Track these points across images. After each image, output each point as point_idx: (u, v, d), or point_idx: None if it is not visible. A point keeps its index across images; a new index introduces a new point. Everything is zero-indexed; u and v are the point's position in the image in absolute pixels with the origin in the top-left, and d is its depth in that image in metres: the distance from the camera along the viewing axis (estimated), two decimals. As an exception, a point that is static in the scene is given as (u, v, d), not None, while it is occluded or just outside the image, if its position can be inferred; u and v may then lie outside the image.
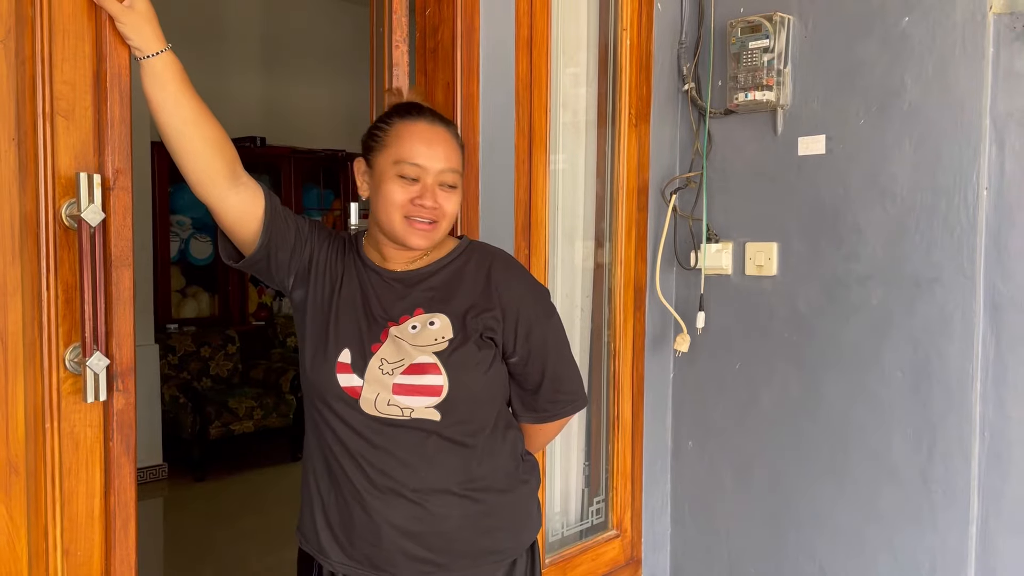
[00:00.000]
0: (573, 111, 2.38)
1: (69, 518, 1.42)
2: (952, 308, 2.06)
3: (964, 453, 2.06)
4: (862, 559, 2.23)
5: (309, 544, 1.51)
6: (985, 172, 2.01)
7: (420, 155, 1.40)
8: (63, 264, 1.39)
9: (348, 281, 1.47)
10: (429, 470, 1.41)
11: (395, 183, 1.40)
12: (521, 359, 1.48)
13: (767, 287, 2.38)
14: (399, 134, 1.41)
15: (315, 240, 1.48)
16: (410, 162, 1.39)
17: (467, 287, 1.46)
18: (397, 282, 1.46)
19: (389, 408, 1.39)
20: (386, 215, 1.41)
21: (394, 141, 1.41)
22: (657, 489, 2.59)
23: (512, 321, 1.45)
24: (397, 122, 1.43)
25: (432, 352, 1.40)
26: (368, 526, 1.41)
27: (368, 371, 1.39)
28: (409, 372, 1.39)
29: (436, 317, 1.43)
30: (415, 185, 1.40)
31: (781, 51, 2.28)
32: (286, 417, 5.26)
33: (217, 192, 1.37)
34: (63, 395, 1.40)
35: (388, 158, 1.41)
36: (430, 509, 1.41)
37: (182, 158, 1.35)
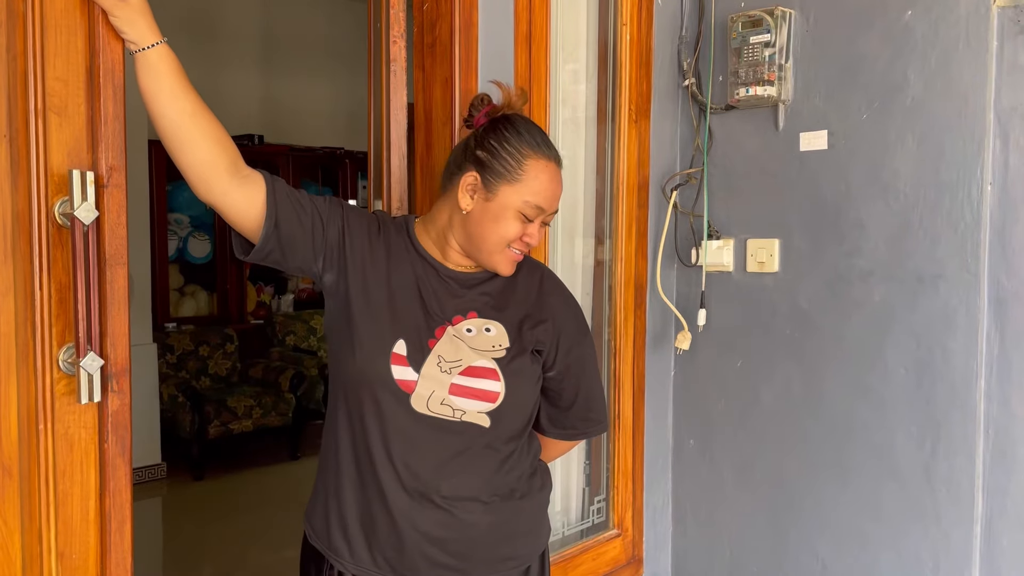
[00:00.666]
0: (572, 107, 2.36)
1: (64, 521, 1.40)
2: (956, 304, 2.05)
3: (968, 450, 2.04)
4: (865, 557, 2.22)
5: (319, 539, 1.47)
6: (989, 167, 1.99)
7: (549, 200, 1.40)
8: (56, 263, 1.37)
9: (399, 266, 1.43)
10: (463, 477, 1.40)
11: (516, 220, 1.39)
12: (559, 374, 1.50)
13: (769, 284, 2.36)
14: (535, 174, 1.39)
15: (346, 219, 1.42)
16: (539, 206, 1.39)
17: (520, 297, 1.47)
18: (452, 280, 1.44)
19: (442, 408, 1.37)
20: (489, 243, 1.40)
21: (529, 179, 1.39)
22: (658, 488, 2.57)
23: (556, 335, 1.48)
24: (531, 157, 1.40)
25: (492, 358, 1.39)
26: (391, 529, 1.38)
27: (425, 366, 1.37)
28: (467, 374, 1.38)
29: (492, 324, 1.42)
30: (529, 223, 1.40)
31: (782, 46, 2.26)
32: (285, 416, 5.25)
33: (218, 188, 1.33)
34: (57, 396, 1.38)
35: (518, 194, 1.39)
36: (458, 516, 1.39)
37: (179, 154, 1.31)
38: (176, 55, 1.32)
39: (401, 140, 1.93)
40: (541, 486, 1.53)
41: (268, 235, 1.35)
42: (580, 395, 1.54)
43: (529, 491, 1.49)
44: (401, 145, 1.93)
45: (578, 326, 1.54)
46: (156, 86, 1.29)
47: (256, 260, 1.39)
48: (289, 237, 1.37)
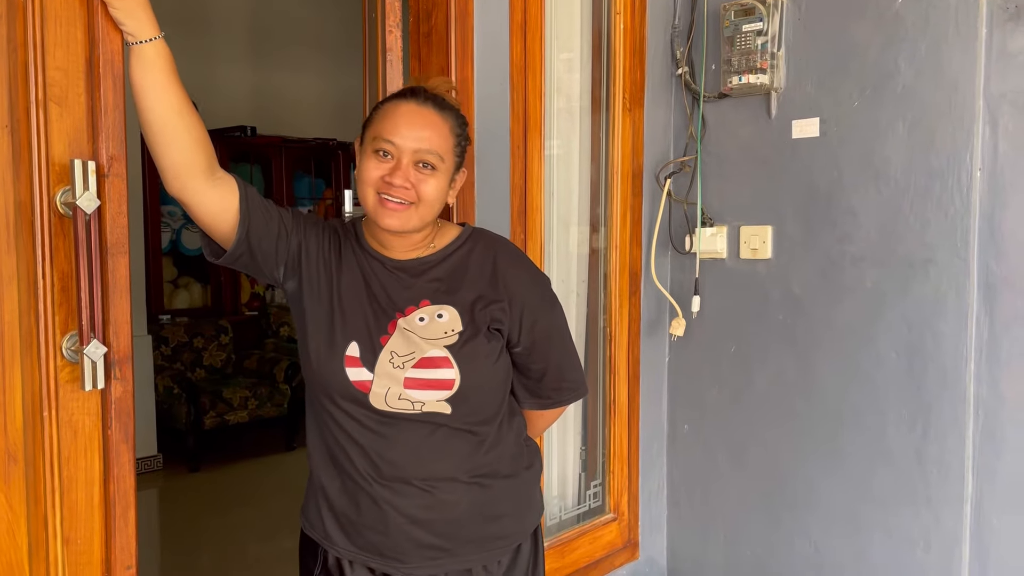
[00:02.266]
0: (567, 97, 2.38)
1: (69, 506, 1.42)
2: (946, 289, 2.08)
3: (958, 432, 2.08)
4: (857, 538, 2.25)
5: (314, 530, 1.50)
6: (979, 153, 2.02)
7: (397, 133, 1.37)
8: (59, 252, 1.38)
9: (348, 269, 1.44)
10: (438, 460, 1.41)
11: (370, 159, 1.38)
12: (525, 349, 1.48)
13: (762, 270, 2.39)
14: (384, 113, 1.40)
15: (303, 229, 1.45)
16: (384, 138, 1.37)
17: (473, 277, 1.45)
18: (401, 271, 1.44)
19: (400, 402, 1.38)
20: (361, 192, 1.40)
21: (378, 119, 1.40)
22: (653, 472, 2.60)
23: (518, 312, 1.45)
24: (388, 103, 1.42)
25: (443, 345, 1.39)
26: (375, 514, 1.41)
27: (378, 365, 1.38)
28: (420, 366, 1.38)
29: (444, 309, 1.41)
30: (390, 162, 1.37)
31: (775, 34, 2.28)
32: (280, 407, 5.26)
33: (194, 186, 1.34)
34: (61, 383, 1.39)
35: (369, 135, 1.40)
36: (439, 496, 1.41)
37: (161, 149, 1.32)
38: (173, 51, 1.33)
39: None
40: (528, 465, 1.54)
41: (241, 239, 1.37)
42: (551, 365, 1.52)
43: (514, 471, 1.50)
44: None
45: (542, 298, 1.50)
46: (149, 80, 1.29)
47: (227, 263, 1.41)
48: (258, 243, 1.39)
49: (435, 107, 1.41)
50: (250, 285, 6.23)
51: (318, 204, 6.43)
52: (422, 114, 1.39)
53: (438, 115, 1.41)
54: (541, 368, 1.51)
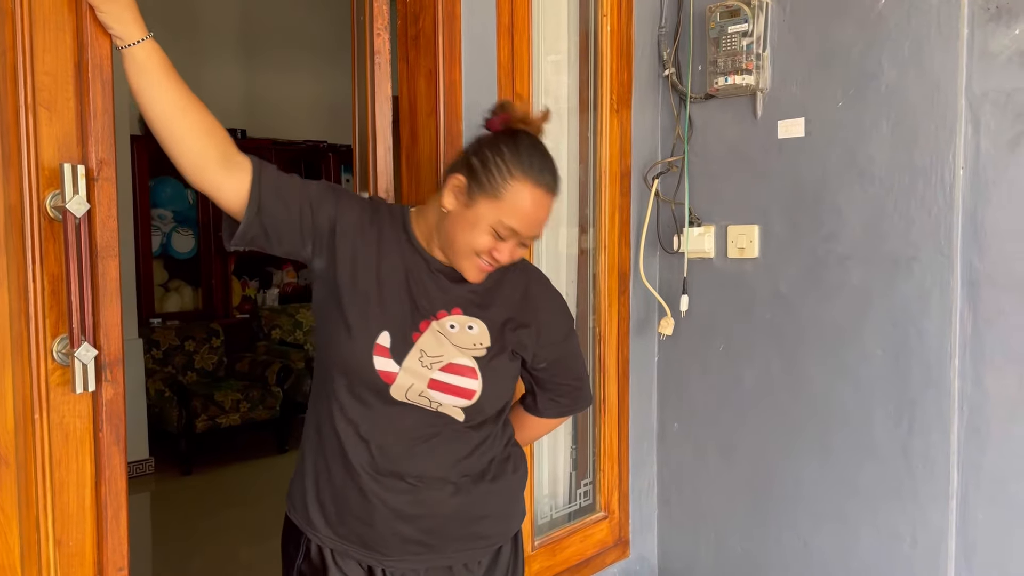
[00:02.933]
0: (555, 98, 2.39)
1: (60, 509, 1.43)
2: (930, 286, 2.10)
3: (943, 428, 2.10)
4: (845, 534, 2.27)
5: (297, 513, 1.51)
6: (961, 152, 2.04)
7: (525, 226, 1.37)
8: (49, 255, 1.39)
9: (390, 256, 1.43)
10: (432, 459, 1.44)
11: (487, 234, 1.37)
12: (550, 366, 1.57)
13: (749, 269, 2.41)
14: (516, 195, 1.35)
15: (338, 205, 1.42)
16: (512, 228, 1.36)
17: (505, 297, 1.49)
18: (441, 275, 1.45)
19: (419, 399, 1.41)
20: (459, 247, 1.39)
21: (508, 199, 1.35)
22: (644, 471, 2.62)
23: (546, 337, 1.53)
24: (518, 178, 1.35)
25: (472, 356, 1.43)
26: (363, 506, 1.43)
27: (407, 360, 1.39)
28: (447, 370, 1.40)
29: (474, 322, 1.44)
30: (503, 242, 1.39)
31: (760, 35, 2.30)
32: (272, 410, 5.26)
33: (210, 177, 1.34)
34: (51, 386, 1.40)
35: (493, 211, 1.36)
36: (427, 495, 1.43)
37: (171, 146, 1.32)
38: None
39: (386, 132, 1.96)
40: (514, 469, 1.57)
41: (250, 221, 1.36)
42: (571, 378, 1.63)
43: (501, 474, 1.53)
44: (386, 137, 1.95)
45: (564, 326, 1.59)
46: (145, 81, 1.30)
47: (240, 245, 1.39)
48: (273, 223, 1.37)
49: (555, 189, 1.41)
50: (241, 288, 6.22)
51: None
52: (547, 203, 1.39)
53: (554, 197, 1.42)
54: (562, 382, 1.62)
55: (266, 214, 1.36)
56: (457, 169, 1.41)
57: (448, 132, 1.97)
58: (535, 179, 1.36)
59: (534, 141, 1.41)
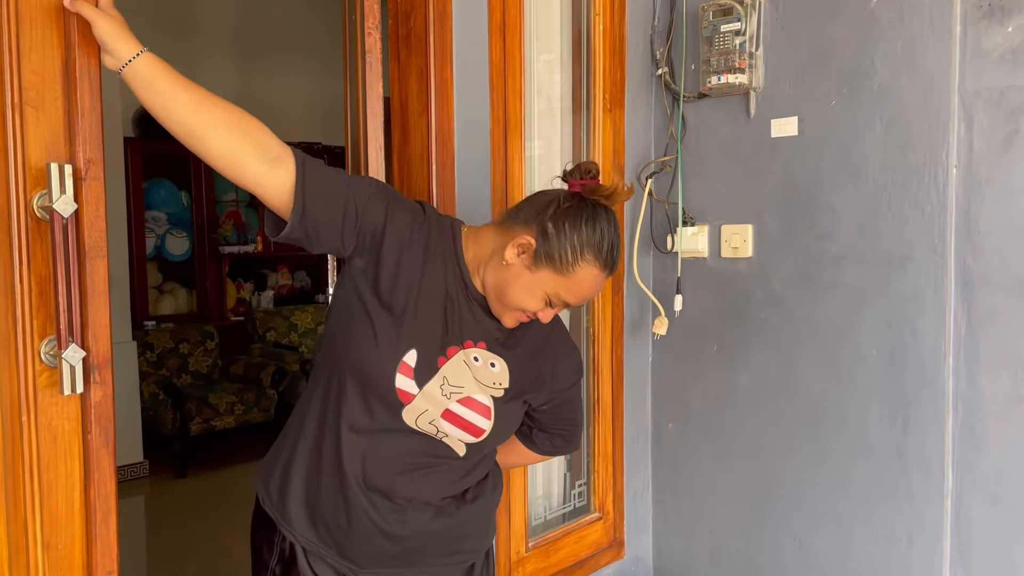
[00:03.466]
0: (548, 98, 2.39)
1: (49, 512, 1.42)
2: (924, 285, 2.09)
3: (938, 427, 2.09)
4: (840, 534, 2.27)
5: (273, 506, 1.48)
6: (954, 150, 2.04)
7: (578, 301, 1.40)
8: (36, 256, 1.38)
9: (434, 271, 1.39)
10: (425, 485, 1.43)
11: (541, 300, 1.38)
12: (551, 410, 1.59)
13: (743, 269, 2.40)
14: (581, 276, 1.35)
15: (388, 211, 1.36)
16: (566, 302, 1.39)
17: (530, 341, 1.50)
18: (477, 303, 1.43)
19: (427, 426, 1.40)
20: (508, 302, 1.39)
21: (573, 278, 1.35)
22: (638, 471, 2.61)
23: (556, 385, 1.55)
24: (587, 261, 1.34)
25: (490, 395, 1.42)
26: (346, 515, 1.41)
27: (429, 385, 1.37)
28: (464, 403, 1.39)
29: (497, 360, 1.44)
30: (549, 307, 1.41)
31: (753, 34, 2.30)
32: (267, 412, 5.24)
33: (250, 174, 1.28)
34: (39, 388, 1.39)
35: (554, 283, 1.36)
36: (413, 515, 1.43)
37: (200, 150, 1.27)
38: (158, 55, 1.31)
39: (378, 132, 1.95)
40: (492, 487, 1.57)
41: (295, 224, 1.30)
42: (567, 425, 1.65)
43: (480, 493, 1.53)
44: (378, 137, 1.95)
45: (574, 377, 1.60)
46: (153, 95, 1.26)
47: (285, 241, 1.35)
48: (315, 225, 1.32)
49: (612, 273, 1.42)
50: (235, 290, 6.21)
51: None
52: (602, 285, 1.40)
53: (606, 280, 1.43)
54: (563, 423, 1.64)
55: (309, 218, 1.31)
56: (529, 228, 1.36)
57: (439, 131, 1.96)
58: (603, 262, 1.36)
59: (610, 219, 1.38)
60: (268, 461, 1.53)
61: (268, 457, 1.54)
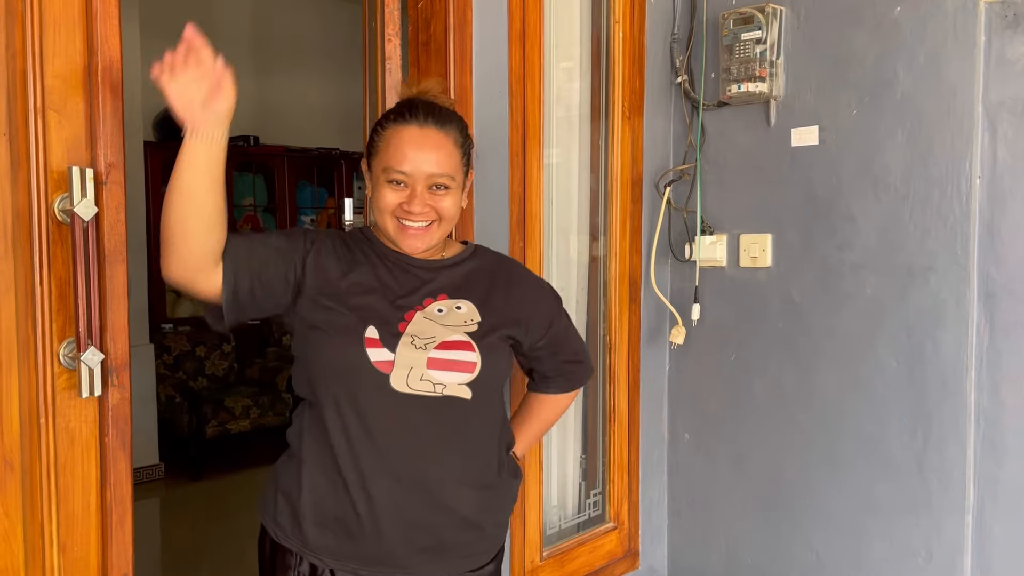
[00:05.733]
0: (567, 106, 2.38)
1: (65, 514, 1.42)
2: (946, 296, 2.07)
3: (959, 440, 2.07)
4: (858, 547, 2.24)
5: (289, 539, 1.44)
6: (978, 161, 2.02)
7: (407, 161, 1.39)
8: (56, 259, 1.38)
9: (359, 268, 1.44)
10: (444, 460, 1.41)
11: (385, 188, 1.41)
12: (547, 345, 1.59)
13: (762, 278, 2.39)
14: (389, 140, 1.41)
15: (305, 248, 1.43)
16: (396, 169, 1.39)
17: (488, 283, 1.51)
18: (419, 268, 1.47)
19: (422, 384, 1.37)
20: (380, 220, 1.43)
21: (384, 147, 1.42)
22: (654, 481, 2.59)
23: (538, 321, 1.55)
24: (390, 127, 1.42)
25: (463, 332, 1.42)
26: (370, 516, 1.38)
27: (400, 346, 1.38)
28: (443, 347, 1.39)
29: (462, 303, 1.45)
30: (404, 191, 1.40)
31: (774, 42, 2.29)
32: (282, 416, 5.25)
33: (204, 275, 1.33)
34: (58, 390, 1.40)
35: (379, 164, 1.42)
36: (442, 500, 1.41)
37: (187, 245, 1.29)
38: None
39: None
40: (512, 475, 1.56)
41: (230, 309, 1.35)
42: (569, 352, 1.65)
43: (505, 480, 1.53)
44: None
45: (553, 306, 1.60)
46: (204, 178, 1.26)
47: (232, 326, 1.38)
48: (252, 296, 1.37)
49: (436, 125, 1.42)
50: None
51: (321, 213, 6.43)
52: (426, 136, 1.40)
53: (441, 133, 1.42)
54: (562, 356, 1.64)
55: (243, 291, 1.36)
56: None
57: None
58: (405, 119, 1.41)
59: (412, 97, 1.46)
60: (269, 496, 1.50)
61: (268, 494, 1.50)
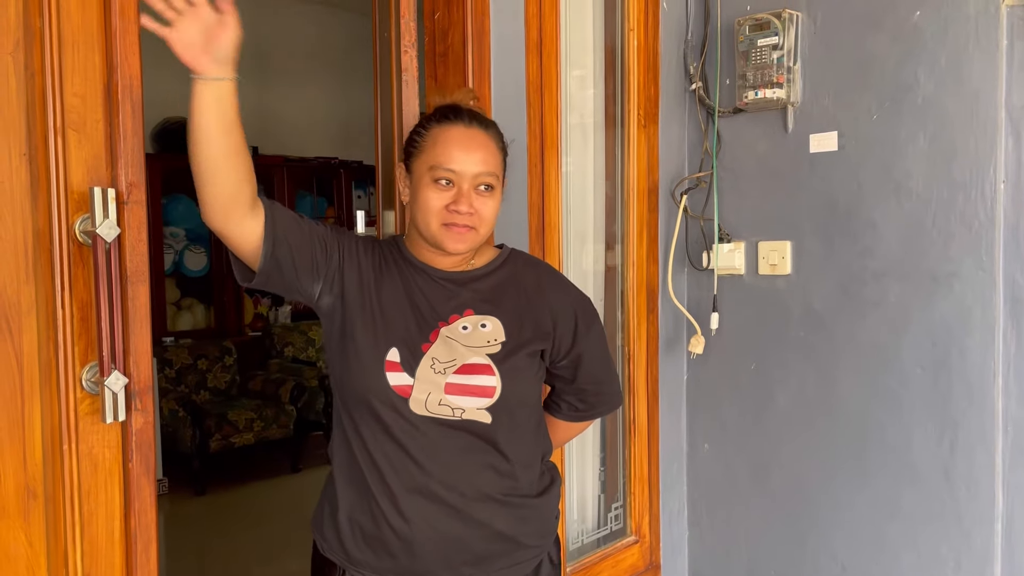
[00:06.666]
0: (580, 113, 2.36)
1: (89, 542, 1.39)
2: (971, 303, 2.05)
3: (987, 448, 2.04)
4: (885, 558, 2.21)
5: (333, 552, 1.44)
6: (1002, 165, 2.00)
7: (455, 160, 1.38)
8: (78, 281, 1.35)
9: (389, 280, 1.43)
10: (475, 476, 1.39)
11: (431, 189, 1.38)
12: (571, 363, 1.51)
13: (781, 286, 2.36)
14: (435, 139, 1.40)
15: (344, 244, 1.42)
16: (445, 167, 1.37)
17: (517, 294, 1.47)
18: (446, 281, 1.44)
19: (440, 408, 1.36)
20: (424, 221, 1.40)
21: (430, 146, 1.40)
22: (674, 493, 2.56)
23: (563, 331, 1.48)
24: (434, 127, 1.42)
25: (485, 353, 1.39)
26: (409, 536, 1.36)
27: (419, 369, 1.36)
28: (462, 372, 1.37)
29: (487, 320, 1.42)
30: (451, 190, 1.38)
31: (790, 48, 2.26)
32: (286, 428, 5.21)
33: (236, 219, 1.29)
34: (80, 416, 1.36)
35: (424, 163, 1.40)
36: (474, 516, 1.38)
37: (211, 185, 1.26)
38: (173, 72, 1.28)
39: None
40: (551, 481, 1.53)
41: (267, 260, 1.32)
42: (593, 379, 1.56)
43: (542, 488, 1.49)
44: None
45: (584, 318, 1.52)
46: (217, 119, 1.21)
47: (258, 286, 1.36)
48: (288, 262, 1.35)
49: (480, 126, 1.43)
50: (253, 306, 6.19)
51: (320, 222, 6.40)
52: (472, 136, 1.41)
53: (485, 134, 1.42)
54: (585, 381, 1.55)
55: (280, 254, 1.33)
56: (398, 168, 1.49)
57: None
58: (450, 120, 1.41)
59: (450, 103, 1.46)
60: (319, 509, 1.51)
61: (318, 505, 1.52)
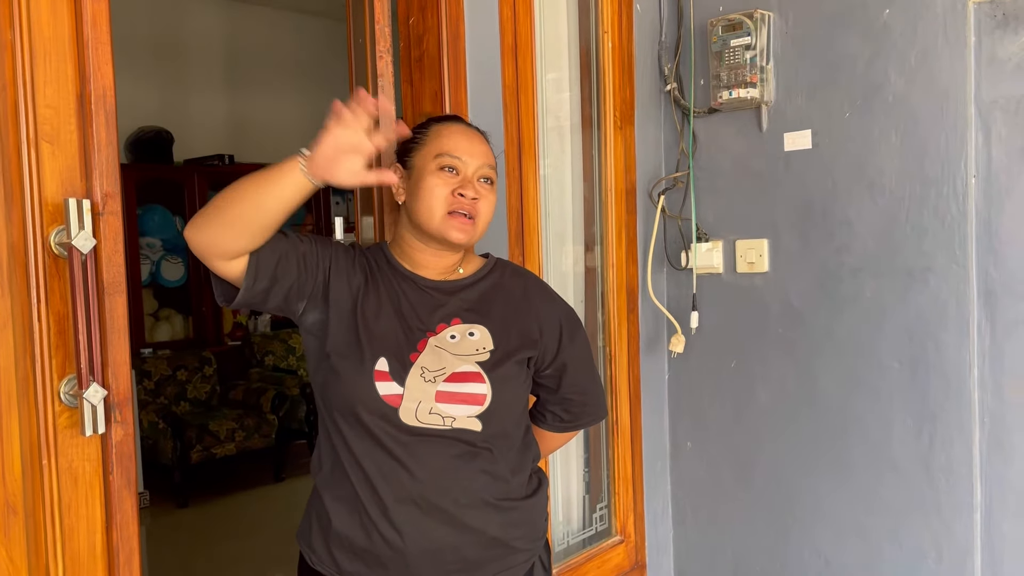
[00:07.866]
0: (556, 116, 2.36)
1: (71, 556, 1.37)
2: (946, 296, 2.07)
3: (965, 440, 2.07)
4: (867, 550, 2.24)
5: (323, 564, 1.44)
6: (973, 160, 2.03)
7: (461, 149, 1.42)
8: (54, 294, 1.34)
9: (374, 290, 1.42)
10: (466, 483, 1.39)
11: (437, 176, 1.40)
12: (555, 371, 1.52)
13: (759, 284, 2.38)
14: (439, 132, 1.45)
15: (328, 258, 1.42)
16: (452, 154, 1.41)
17: (504, 303, 1.47)
18: (434, 290, 1.44)
19: (431, 417, 1.36)
20: (427, 211, 1.39)
21: (434, 138, 1.44)
22: (658, 492, 2.58)
23: (548, 341, 1.49)
24: (434, 124, 1.47)
25: (474, 361, 1.39)
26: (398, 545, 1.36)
27: (409, 379, 1.36)
28: (452, 380, 1.37)
29: (475, 328, 1.42)
30: (456, 177, 1.40)
31: (763, 48, 2.29)
32: (268, 438, 5.17)
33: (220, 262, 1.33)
34: (59, 429, 1.35)
35: (429, 154, 1.42)
36: (467, 522, 1.38)
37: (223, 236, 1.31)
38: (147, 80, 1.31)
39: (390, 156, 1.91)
40: (539, 484, 1.53)
41: (247, 292, 1.33)
42: (577, 390, 1.56)
43: (531, 491, 1.50)
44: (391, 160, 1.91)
45: (568, 327, 1.53)
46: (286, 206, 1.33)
47: (239, 307, 1.39)
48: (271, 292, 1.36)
49: (477, 131, 1.49)
50: (232, 315, 6.14)
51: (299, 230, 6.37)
52: (472, 133, 1.47)
53: (482, 135, 1.48)
54: (568, 392, 1.55)
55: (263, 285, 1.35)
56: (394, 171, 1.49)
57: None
58: (450, 120, 1.50)
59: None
60: (305, 522, 1.50)
61: (304, 518, 1.51)
